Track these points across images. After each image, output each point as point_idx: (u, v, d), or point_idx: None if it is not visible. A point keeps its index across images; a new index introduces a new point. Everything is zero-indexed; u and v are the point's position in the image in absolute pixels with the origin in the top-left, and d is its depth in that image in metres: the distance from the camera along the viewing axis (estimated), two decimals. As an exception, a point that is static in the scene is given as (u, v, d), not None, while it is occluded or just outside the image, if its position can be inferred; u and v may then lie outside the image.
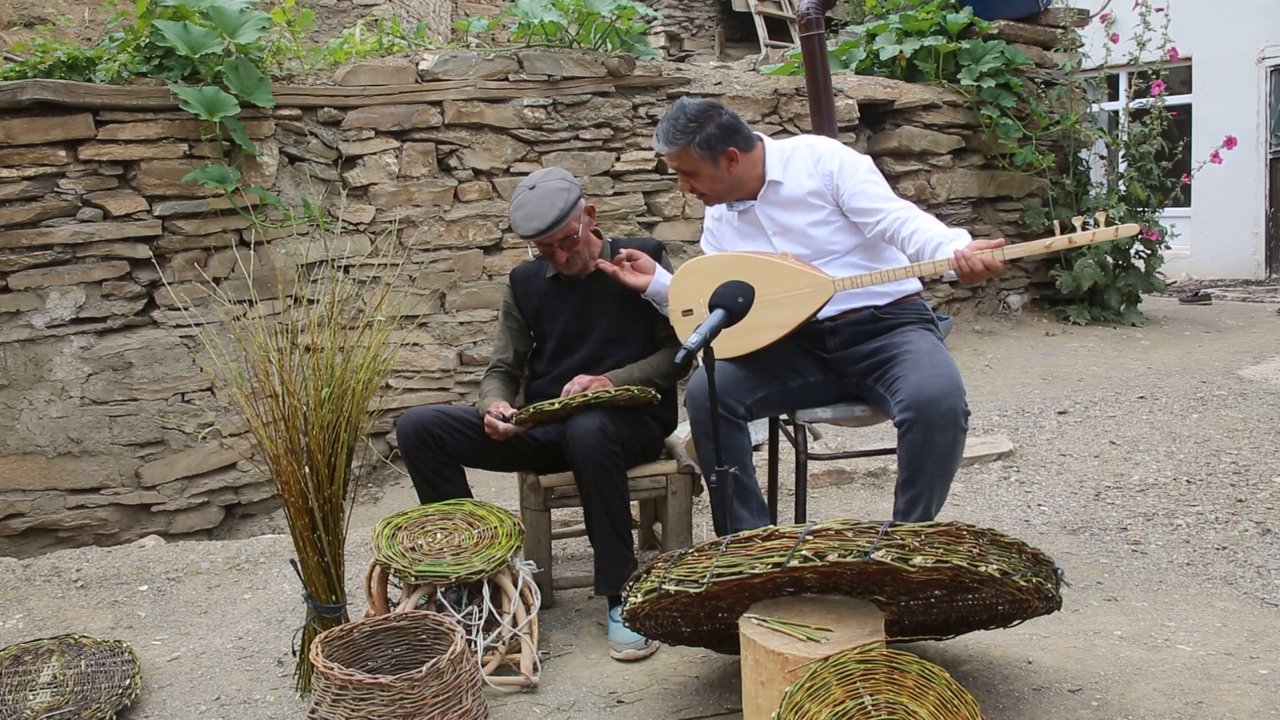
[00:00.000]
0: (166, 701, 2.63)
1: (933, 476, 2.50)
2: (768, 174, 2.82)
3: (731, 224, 2.93)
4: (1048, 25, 6.54)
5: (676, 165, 2.80)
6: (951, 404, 2.46)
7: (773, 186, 2.82)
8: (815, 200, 2.78)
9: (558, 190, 2.86)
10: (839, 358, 2.79)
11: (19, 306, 3.87)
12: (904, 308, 2.80)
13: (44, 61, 4.08)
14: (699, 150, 2.73)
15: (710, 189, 2.81)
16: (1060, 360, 5.51)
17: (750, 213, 2.86)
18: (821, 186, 2.78)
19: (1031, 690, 2.27)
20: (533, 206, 2.85)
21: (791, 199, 2.80)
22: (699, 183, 2.79)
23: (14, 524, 3.91)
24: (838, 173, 2.77)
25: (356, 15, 7.70)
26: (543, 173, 2.96)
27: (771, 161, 2.83)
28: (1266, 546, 3.09)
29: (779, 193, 2.82)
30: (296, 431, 2.47)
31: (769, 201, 2.83)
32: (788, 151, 2.86)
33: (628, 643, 2.65)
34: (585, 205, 2.94)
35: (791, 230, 2.81)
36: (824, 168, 2.79)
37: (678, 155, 2.75)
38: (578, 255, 2.93)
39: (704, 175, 2.77)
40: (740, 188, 2.82)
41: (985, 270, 2.45)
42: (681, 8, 11.26)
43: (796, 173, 2.81)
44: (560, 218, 2.82)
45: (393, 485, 4.59)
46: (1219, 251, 9.17)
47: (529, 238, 2.86)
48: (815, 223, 2.78)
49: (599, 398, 2.73)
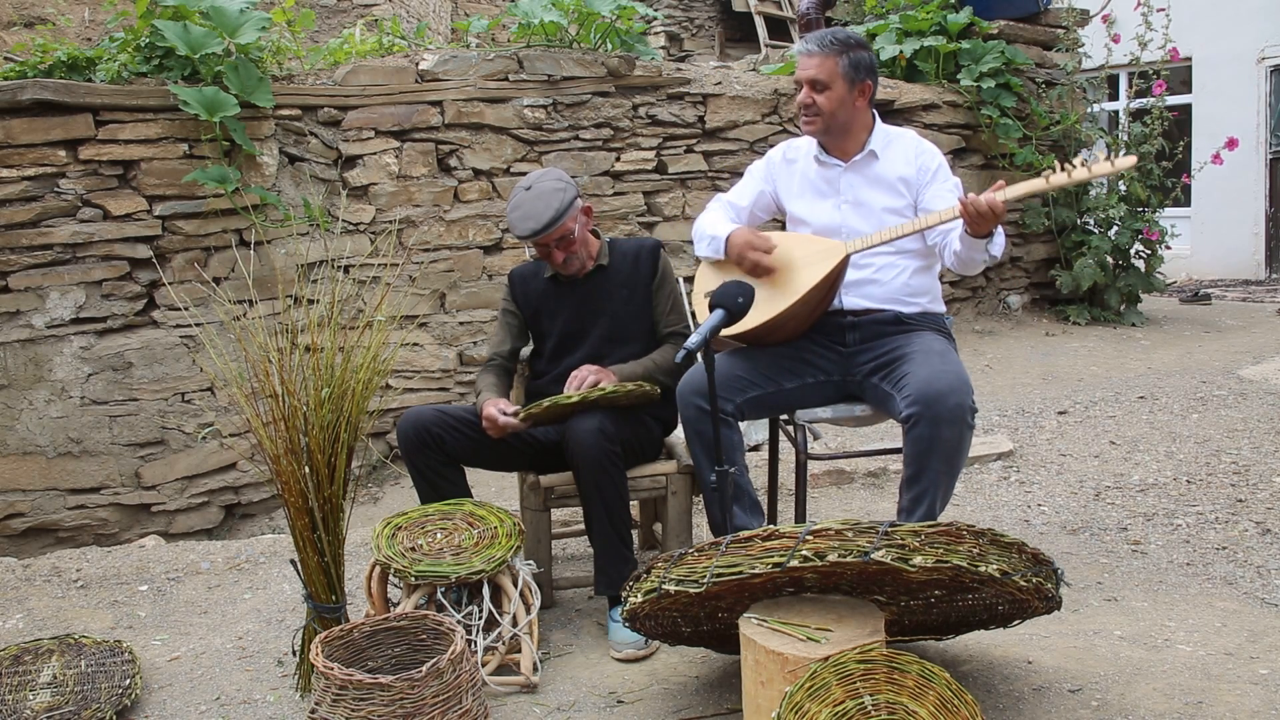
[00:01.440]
0: (166, 701, 2.63)
1: (938, 473, 2.50)
2: (870, 144, 2.83)
3: (806, 174, 2.91)
4: (1048, 25, 6.54)
5: (811, 74, 2.74)
6: (959, 399, 2.47)
7: (869, 157, 2.83)
8: (901, 187, 2.81)
9: (553, 190, 2.86)
10: (854, 352, 2.80)
11: (19, 306, 3.87)
12: (927, 319, 2.83)
13: (44, 61, 4.08)
14: (846, 66, 2.73)
15: (830, 109, 2.75)
16: (1060, 360, 5.51)
17: (834, 172, 2.86)
18: (915, 177, 2.81)
19: (1031, 690, 2.27)
20: (529, 207, 2.85)
21: (881, 177, 2.82)
22: (825, 97, 2.74)
23: (14, 524, 3.91)
24: (934, 171, 2.81)
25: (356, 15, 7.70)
26: (539, 173, 2.96)
27: (876, 136, 2.84)
28: (1266, 546, 3.09)
29: (872, 166, 2.83)
30: (296, 431, 2.47)
31: (858, 170, 2.84)
32: (893, 135, 2.88)
33: (628, 643, 2.65)
34: (582, 205, 2.94)
35: (864, 206, 2.82)
36: (923, 162, 2.82)
37: (821, 63, 2.72)
38: (574, 255, 2.93)
39: (835, 92, 2.74)
40: (846, 132, 2.81)
41: (990, 211, 2.46)
42: (681, 8, 11.25)
43: (895, 155, 2.83)
44: (556, 218, 2.83)
45: (393, 485, 4.59)
46: (1219, 251, 9.16)
47: (525, 238, 2.86)
48: (891, 209, 2.80)
49: (607, 393, 2.73)
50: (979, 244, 2.59)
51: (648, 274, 3.01)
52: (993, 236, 2.58)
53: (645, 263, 3.02)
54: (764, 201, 3.00)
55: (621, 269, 3.01)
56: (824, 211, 2.86)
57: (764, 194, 3.00)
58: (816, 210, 2.87)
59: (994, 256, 2.66)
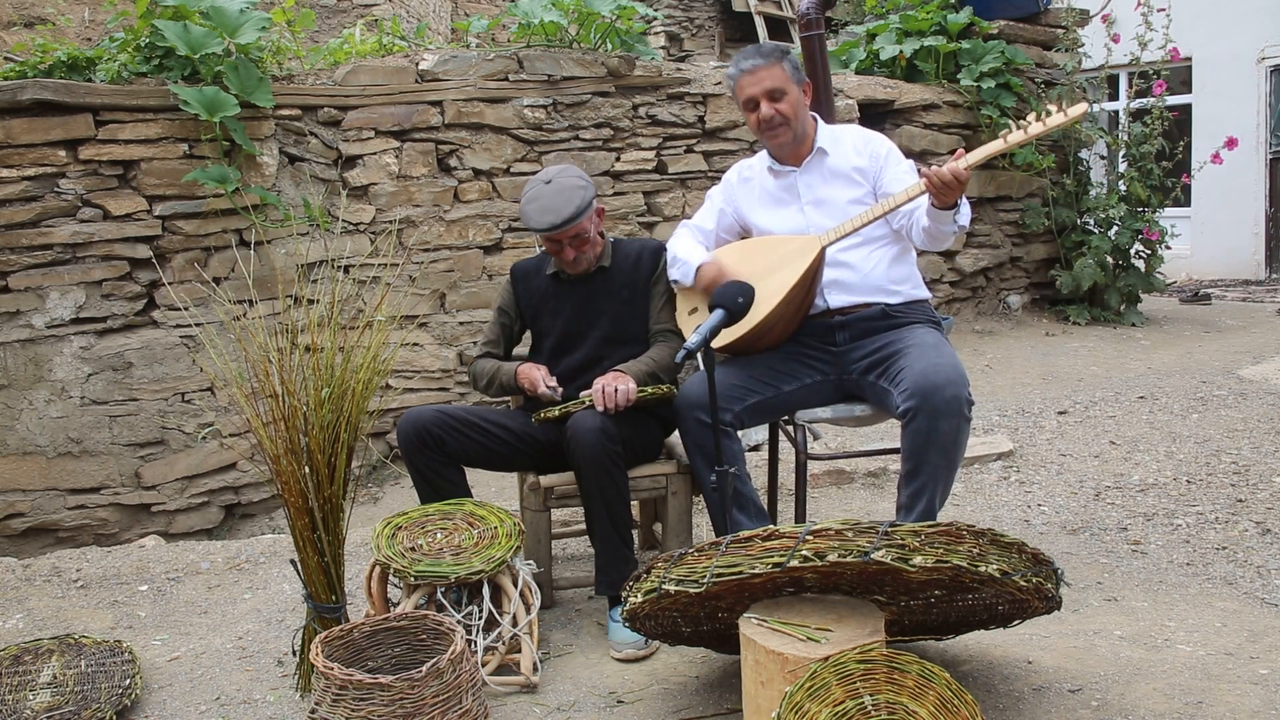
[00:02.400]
0: (166, 701, 2.63)
1: (936, 467, 2.50)
2: (818, 142, 2.87)
3: (764, 186, 2.95)
4: (1048, 25, 6.54)
5: (766, 86, 2.78)
6: (955, 391, 2.47)
7: (819, 155, 2.87)
8: (858, 177, 2.84)
9: (574, 187, 2.88)
10: (846, 351, 2.80)
11: (19, 306, 3.87)
12: (913, 308, 2.84)
13: (44, 61, 4.08)
14: (790, 69, 2.80)
15: (793, 113, 2.81)
16: (1060, 360, 5.51)
17: (789, 178, 2.90)
18: (868, 165, 2.85)
19: (1031, 690, 2.27)
20: (548, 200, 2.86)
21: (836, 171, 2.86)
22: (784, 104, 2.79)
23: (14, 524, 3.91)
24: (884, 157, 2.85)
25: (356, 15, 7.70)
26: (558, 168, 2.97)
27: (822, 134, 2.89)
28: (1266, 546, 3.09)
29: (824, 163, 2.87)
30: (296, 431, 2.47)
31: (812, 170, 2.88)
32: (837, 131, 2.94)
33: (628, 643, 2.65)
34: (596, 206, 2.95)
35: (827, 203, 2.84)
36: (873, 150, 2.87)
37: (771, 70, 2.78)
38: (584, 255, 2.94)
39: (791, 96, 2.80)
40: (804, 135, 2.86)
41: (955, 180, 2.49)
42: (681, 8, 11.25)
43: (845, 148, 2.88)
44: (576, 214, 2.84)
45: (393, 485, 4.59)
46: (1219, 251, 9.16)
47: (542, 231, 2.87)
48: (853, 200, 2.83)
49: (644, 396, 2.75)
50: (946, 215, 2.60)
51: (648, 274, 3.02)
52: (958, 206, 2.60)
53: (647, 263, 3.02)
54: (726, 222, 3.04)
55: (623, 269, 3.02)
56: (788, 218, 2.89)
57: (724, 214, 3.04)
58: (781, 219, 2.90)
59: (962, 226, 2.68)
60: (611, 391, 2.72)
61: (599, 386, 2.75)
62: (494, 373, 3.01)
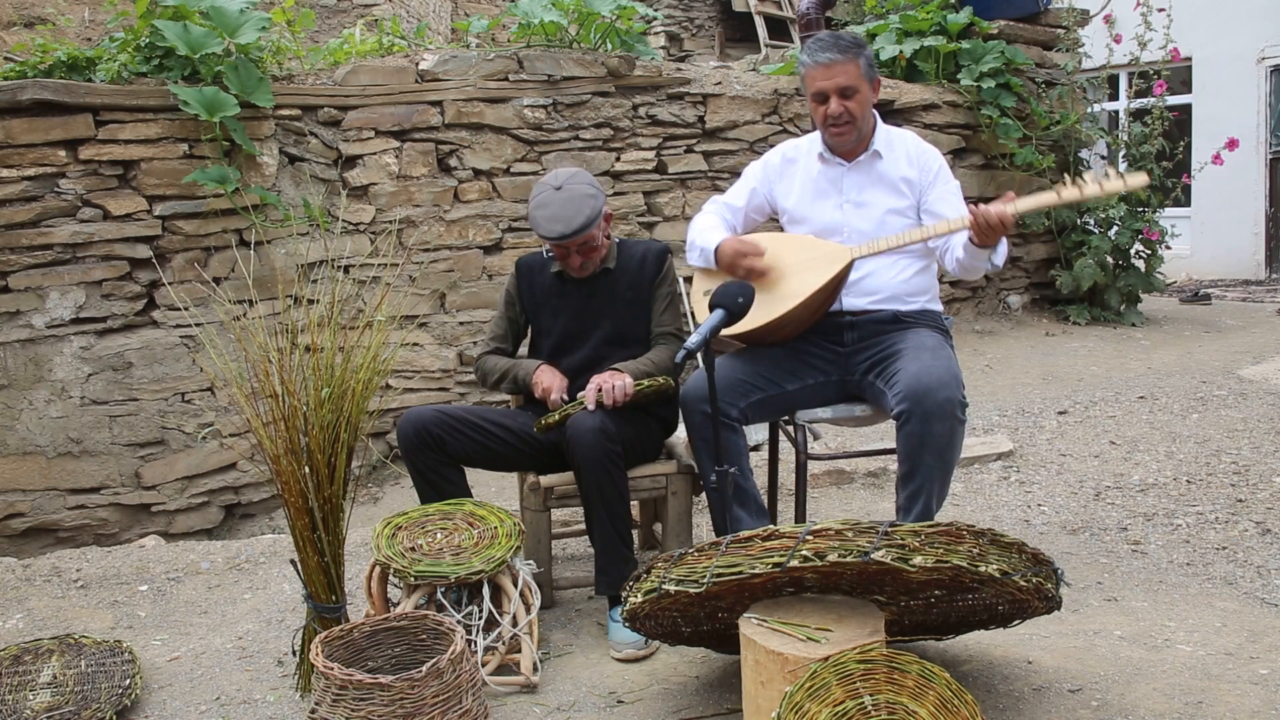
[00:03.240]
0: (166, 701, 2.63)
1: (931, 469, 2.51)
2: (874, 143, 2.81)
3: (810, 173, 2.88)
4: (1048, 25, 6.54)
5: (840, 83, 2.69)
6: (948, 394, 2.47)
7: (873, 156, 2.82)
8: (904, 188, 2.80)
9: (585, 196, 2.84)
10: (853, 351, 2.80)
11: (19, 306, 3.87)
12: (924, 316, 2.83)
13: (44, 61, 4.08)
14: (865, 66, 2.71)
15: (862, 113, 2.73)
16: (1060, 360, 5.50)
17: (837, 171, 2.84)
18: (917, 178, 2.79)
19: (1031, 690, 2.27)
20: (557, 208, 2.83)
21: (884, 177, 2.81)
22: (856, 103, 2.71)
23: (14, 524, 3.91)
24: (935, 173, 2.80)
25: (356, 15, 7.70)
26: (568, 173, 2.92)
27: (879, 135, 2.82)
28: (1266, 546, 3.09)
29: (875, 165, 2.81)
30: (296, 431, 2.47)
31: (862, 169, 2.82)
32: (893, 135, 2.86)
33: (628, 643, 2.65)
34: (605, 212, 2.93)
35: (867, 205, 2.80)
36: (925, 163, 2.81)
37: (847, 67, 2.68)
38: (591, 260, 2.93)
39: (863, 95, 2.72)
40: (863, 133, 2.78)
41: (999, 223, 2.46)
42: (681, 8, 11.25)
43: (898, 155, 2.82)
44: (585, 225, 2.81)
45: (393, 485, 4.59)
46: (1219, 251, 9.16)
47: (549, 239, 2.86)
48: (894, 210, 2.79)
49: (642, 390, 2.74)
50: (983, 254, 2.59)
51: (651, 276, 3.00)
52: (996, 247, 2.58)
53: (651, 265, 3.01)
54: (756, 202, 2.99)
55: (628, 271, 3.00)
56: (825, 211, 2.84)
57: (756, 193, 2.98)
58: (818, 209, 2.86)
59: (996, 266, 2.66)
60: (609, 388, 2.72)
61: (595, 384, 2.76)
62: (508, 369, 2.99)
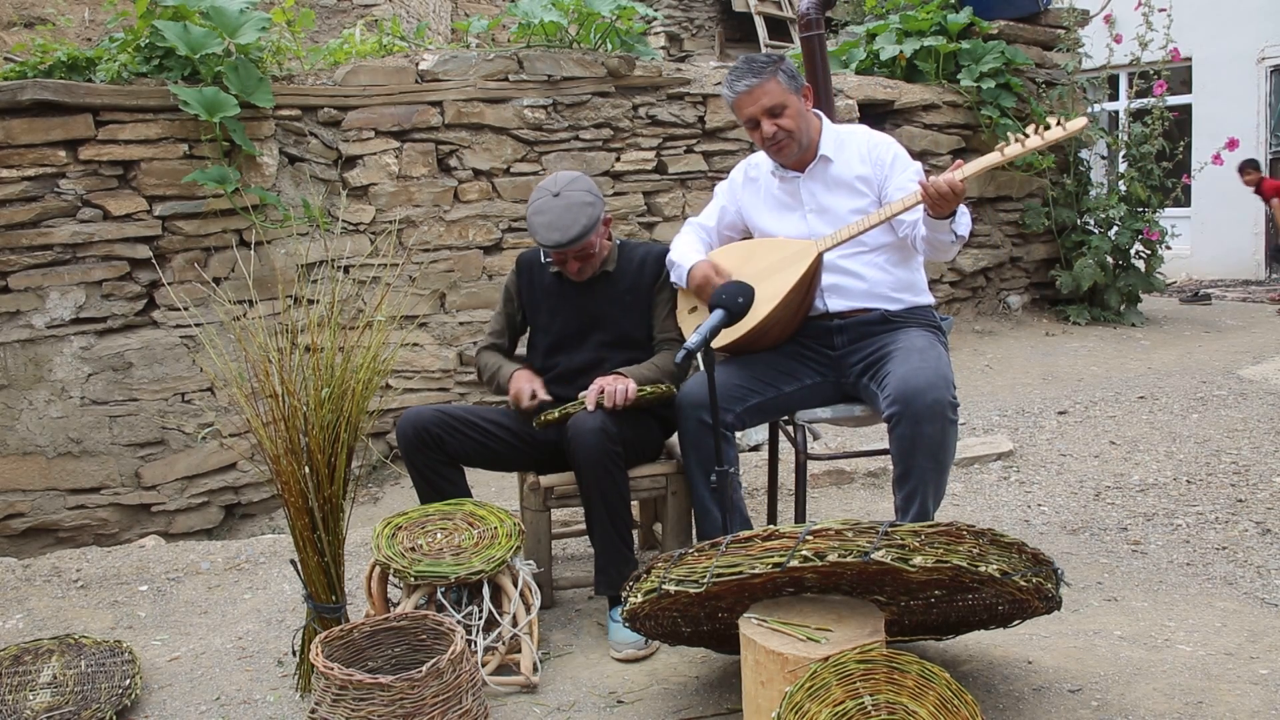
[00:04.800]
0: (166, 701, 2.63)
1: (925, 469, 2.50)
2: (821, 148, 2.81)
3: (770, 189, 2.90)
4: (1048, 25, 6.54)
5: (764, 104, 2.71)
6: (937, 395, 2.46)
7: (823, 162, 2.82)
8: (861, 186, 2.79)
9: (583, 204, 2.81)
10: (843, 354, 2.80)
11: (19, 306, 3.87)
12: (914, 313, 2.82)
13: (44, 61, 4.08)
14: (786, 79, 2.72)
15: (796, 127, 2.74)
16: (1060, 360, 5.51)
17: (793, 184, 2.85)
18: (872, 174, 2.79)
19: (1031, 690, 2.27)
20: (555, 216, 2.80)
21: (839, 180, 2.81)
22: (786, 118, 2.72)
23: (14, 524, 3.91)
24: (890, 164, 2.79)
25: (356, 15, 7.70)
26: (567, 178, 2.89)
27: (825, 138, 2.83)
28: (1266, 546, 3.09)
29: (828, 170, 2.82)
30: (296, 431, 2.47)
31: (815, 177, 2.83)
32: (842, 134, 2.86)
33: (628, 643, 2.65)
34: (604, 217, 2.92)
35: (829, 211, 2.80)
36: (878, 155, 2.80)
37: (766, 86, 2.70)
38: (589, 265, 2.93)
39: (792, 109, 2.73)
40: (805, 143, 2.79)
41: (950, 191, 2.45)
42: (681, 8, 11.26)
43: (849, 155, 2.82)
44: (582, 234, 2.79)
45: (393, 485, 4.59)
46: (1219, 252, 9.17)
47: (547, 247, 2.85)
48: (856, 210, 2.78)
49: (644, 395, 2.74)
50: (943, 225, 2.57)
51: (651, 279, 2.99)
52: (955, 216, 2.57)
53: (651, 268, 2.99)
54: (729, 219, 3.01)
55: (628, 273, 2.99)
56: (791, 224, 2.86)
57: (726, 211, 3.00)
58: (784, 224, 2.87)
59: (961, 236, 2.64)
60: (611, 390, 2.72)
61: (598, 385, 2.75)
62: (494, 371, 3.00)
